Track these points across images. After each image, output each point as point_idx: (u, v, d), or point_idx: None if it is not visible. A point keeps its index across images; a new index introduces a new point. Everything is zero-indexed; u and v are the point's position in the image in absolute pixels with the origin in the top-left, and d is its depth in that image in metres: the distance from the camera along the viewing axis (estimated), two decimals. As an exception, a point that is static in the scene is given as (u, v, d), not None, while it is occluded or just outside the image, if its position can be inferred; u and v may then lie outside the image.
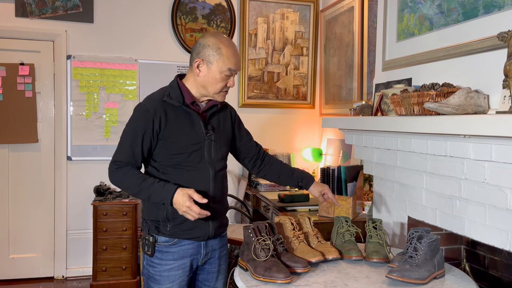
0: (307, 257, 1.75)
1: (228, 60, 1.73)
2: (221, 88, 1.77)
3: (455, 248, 2.20)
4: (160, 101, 1.76)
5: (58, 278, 3.92)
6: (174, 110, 1.76)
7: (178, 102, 1.76)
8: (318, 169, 3.80)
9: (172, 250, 1.79)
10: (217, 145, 1.85)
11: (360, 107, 2.48)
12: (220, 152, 1.87)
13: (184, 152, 1.76)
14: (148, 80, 4.00)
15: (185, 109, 1.78)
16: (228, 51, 1.74)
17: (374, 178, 2.52)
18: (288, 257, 1.69)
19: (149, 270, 1.81)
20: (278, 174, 2.08)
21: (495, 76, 1.66)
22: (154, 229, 1.79)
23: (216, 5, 4.18)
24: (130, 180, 1.72)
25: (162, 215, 1.76)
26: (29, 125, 3.81)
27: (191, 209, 1.61)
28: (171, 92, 1.79)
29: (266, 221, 1.82)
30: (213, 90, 1.77)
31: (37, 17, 3.79)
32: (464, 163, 1.69)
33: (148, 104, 1.76)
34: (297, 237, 1.87)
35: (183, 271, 1.80)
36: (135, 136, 1.74)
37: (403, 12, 2.38)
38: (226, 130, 1.93)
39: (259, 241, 1.69)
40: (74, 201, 3.93)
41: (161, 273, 1.78)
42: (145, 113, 1.74)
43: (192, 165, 1.77)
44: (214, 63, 1.74)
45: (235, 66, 1.75)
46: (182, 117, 1.77)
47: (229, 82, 1.78)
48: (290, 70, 4.39)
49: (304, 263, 1.66)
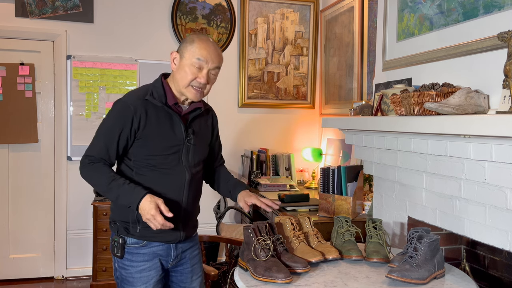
0: (307, 257, 1.75)
1: (198, 50, 1.69)
2: (190, 81, 1.71)
3: (455, 248, 2.20)
4: (142, 99, 1.72)
5: (58, 278, 3.92)
6: (155, 110, 1.72)
7: (160, 102, 1.72)
8: (318, 169, 3.80)
9: (143, 252, 1.76)
10: (196, 149, 1.81)
11: (360, 107, 2.48)
12: (198, 156, 1.84)
13: (162, 154, 1.72)
14: (148, 80, 3.96)
15: (166, 110, 1.74)
16: (201, 44, 1.71)
17: (374, 178, 2.52)
18: (288, 257, 1.69)
19: (121, 273, 1.77)
20: (216, 180, 2.03)
21: (495, 76, 1.66)
22: (123, 230, 1.75)
23: (216, 5, 4.18)
24: (100, 178, 1.68)
25: (132, 216, 1.72)
26: (29, 125, 3.81)
27: (155, 219, 1.57)
28: (154, 91, 1.74)
29: (266, 221, 1.82)
30: (182, 83, 1.72)
31: (37, 17, 3.79)
32: (464, 163, 1.70)
33: (129, 101, 1.71)
34: (297, 237, 1.86)
35: (155, 271, 1.78)
36: (111, 132, 1.69)
37: (403, 12, 2.38)
38: (206, 134, 1.90)
39: (259, 241, 1.69)
40: (74, 201, 3.93)
41: (133, 274, 1.75)
42: (124, 110, 1.69)
43: (169, 168, 1.74)
44: (185, 54, 1.71)
45: (204, 57, 1.69)
46: (162, 118, 1.73)
47: (199, 76, 1.71)
48: (290, 70, 4.39)
49: (304, 263, 1.66)
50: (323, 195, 2.72)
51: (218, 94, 3.99)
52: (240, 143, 4.25)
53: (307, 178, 4.28)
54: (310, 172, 4.15)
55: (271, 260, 1.63)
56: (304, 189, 3.74)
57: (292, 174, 4.00)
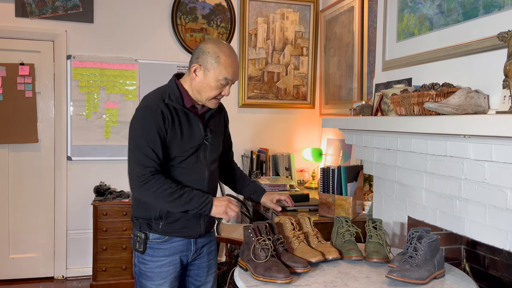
0: (307, 257, 1.75)
1: (225, 69, 1.71)
2: (215, 95, 1.75)
3: (455, 248, 2.20)
4: (163, 102, 1.73)
5: (58, 278, 3.92)
6: (176, 112, 1.75)
7: (178, 104, 1.75)
8: (318, 169, 3.80)
9: (163, 247, 1.80)
10: (213, 148, 1.86)
11: (360, 107, 2.48)
12: (215, 154, 1.89)
13: (183, 155, 1.76)
14: (148, 80, 4.00)
15: (185, 111, 1.77)
16: (227, 60, 1.71)
17: (374, 178, 2.52)
18: (288, 257, 1.69)
19: (140, 267, 1.82)
20: (235, 181, 2.11)
21: (495, 76, 1.66)
22: (145, 226, 1.80)
23: (216, 5, 4.18)
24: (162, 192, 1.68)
25: (154, 213, 1.77)
26: (29, 125, 3.81)
27: (230, 207, 1.73)
28: (171, 93, 1.76)
29: (266, 221, 1.83)
30: (206, 96, 1.76)
31: (37, 17, 3.79)
32: (464, 163, 1.69)
33: (154, 105, 1.72)
34: (297, 237, 1.86)
35: (174, 267, 1.82)
36: (153, 138, 1.68)
37: (403, 12, 2.38)
38: (220, 132, 1.95)
39: (259, 241, 1.69)
40: (74, 201, 3.93)
41: (152, 269, 1.79)
42: (155, 113, 1.70)
43: (189, 166, 1.78)
44: (211, 71, 1.71)
45: (231, 76, 1.73)
46: (183, 120, 1.76)
47: (224, 91, 1.76)
48: (290, 70, 4.39)
49: (304, 263, 1.66)
50: (323, 195, 2.72)
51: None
52: (240, 143, 4.25)
53: (307, 178, 4.28)
54: (310, 172, 4.15)
55: (271, 260, 1.63)
56: (304, 189, 3.74)
57: (292, 174, 4.00)
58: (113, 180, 3.98)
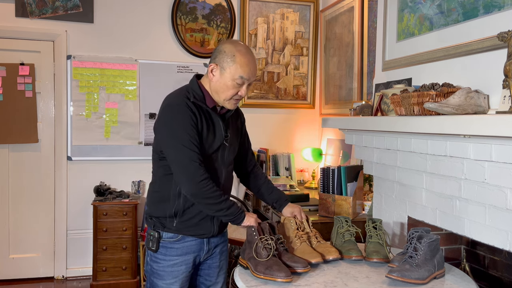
0: (307, 257, 1.75)
1: (241, 68, 1.71)
2: (232, 95, 1.74)
3: (455, 248, 2.20)
4: (189, 100, 1.73)
5: (58, 278, 3.92)
6: (201, 111, 1.75)
7: (202, 103, 1.76)
8: (318, 169, 3.80)
9: (176, 246, 1.80)
10: (231, 149, 1.87)
11: (360, 107, 2.48)
12: (232, 155, 1.90)
13: (206, 153, 1.75)
14: (148, 80, 4.00)
15: (209, 111, 1.77)
16: (243, 59, 1.71)
17: (374, 178, 2.52)
18: (288, 257, 1.69)
19: (152, 266, 1.83)
20: (259, 188, 2.07)
21: (495, 76, 1.66)
22: (159, 225, 1.81)
23: (216, 5, 4.18)
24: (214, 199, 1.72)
25: (169, 211, 1.78)
26: (29, 125, 3.81)
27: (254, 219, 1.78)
28: (195, 93, 1.76)
29: (266, 221, 1.84)
30: (223, 97, 1.75)
31: (37, 17, 3.79)
32: (464, 163, 1.69)
33: (183, 103, 1.71)
34: (300, 237, 1.87)
35: (186, 266, 1.83)
36: (193, 133, 1.68)
37: (403, 12, 2.38)
38: (237, 133, 1.95)
39: (262, 240, 1.70)
40: (74, 201, 3.93)
41: (164, 268, 1.80)
42: (186, 111, 1.69)
43: (208, 166, 1.76)
44: (227, 70, 1.72)
45: (247, 75, 1.73)
46: (207, 119, 1.76)
47: (241, 90, 1.75)
48: (290, 70, 4.39)
49: (304, 263, 1.66)
50: (323, 195, 2.72)
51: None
52: (240, 143, 4.24)
53: (307, 178, 4.28)
54: (310, 172, 4.15)
55: (272, 259, 1.64)
56: (304, 189, 3.74)
57: (292, 174, 4.00)
58: (113, 180, 3.98)
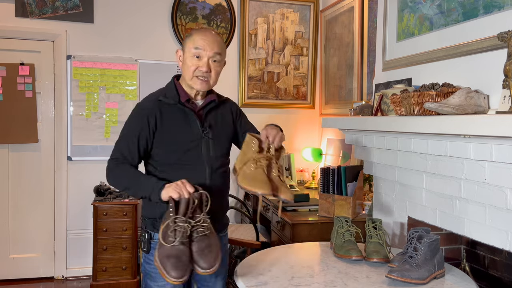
0: (255, 186, 1.53)
1: (194, 40, 1.77)
2: (193, 71, 1.77)
3: (455, 248, 2.20)
4: (156, 100, 1.79)
5: (58, 278, 3.92)
6: (170, 109, 1.78)
7: (173, 101, 1.79)
8: (318, 169, 3.80)
9: None
10: (216, 142, 1.84)
11: (360, 107, 2.48)
12: (220, 149, 1.86)
13: (180, 150, 1.77)
14: (148, 80, 4.00)
15: (181, 108, 1.79)
16: (198, 33, 1.78)
17: (374, 178, 2.52)
18: (200, 247, 1.49)
19: (145, 267, 1.82)
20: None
21: (495, 76, 1.66)
22: (150, 225, 1.80)
23: (216, 5, 4.18)
24: (122, 176, 1.73)
25: (160, 212, 1.74)
26: (29, 125, 3.81)
27: (182, 184, 1.56)
28: (167, 91, 1.82)
29: (200, 191, 1.57)
30: (187, 76, 1.79)
31: (37, 17, 3.79)
32: (464, 163, 1.70)
33: (143, 104, 1.81)
34: (257, 160, 1.63)
35: None
36: (132, 134, 1.76)
37: (403, 12, 2.38)
38: (225, 126, 1.92)
39: (176, 221, 1.48)
40: (74, 201, 3.93)
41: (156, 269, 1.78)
42: (140, 112, 1.78)
43: (189, 163, 1.77)
44: (185, 48, 1.80)
45: (201, 44, 1.75)
46: (178, 116, 1.79)
47: (200, 64, 1.76)
48: (290, 70, 4.39)
49: (211, 262, 1.49)
50: (323, 195, 2.72)
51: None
52: (240, 143, 4.25)
53: (307, 178, 4.28)
54: (310, 172, 4.15)
55: (176, 249, 1.46)
56: (304, 189, 3.74)
57: (292, 174, 4.00)
58: (113, 180, 3.98)
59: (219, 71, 1.83)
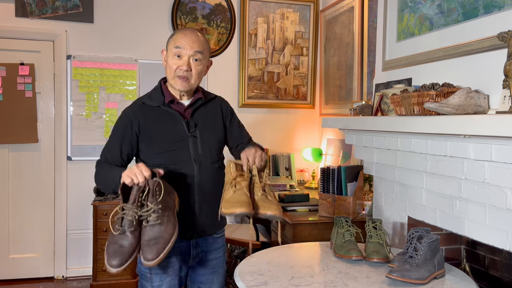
0: (232, 207, 1.48)
1: (176, 39, 1.78)
2: (174, 71, 1.78)
3: (455, 248, 2.20)
4: (140, 104, 1.83)
5: (58, 278, 3.92)
6: (154, 111, 1.81)
7: (157, 103, 1.81)
8: (318, 169, 3.80)
9: None
10: (203, 141, 1.82)
11: (360, 107, 2.48)
12: (208, 147, 1.83)
13: (167, 150, 1.77)
14: (148, 80, 4.00)
15: (165, 109, 1.81)
16: (179, 33, 1.80)
17: (374, 178, 2.52)
18: (148, 237, 1.46)
19: (140, 268, 1.82)
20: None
21: (495, 76, 1.66)
22: None
23: (216, 5, 4.18)
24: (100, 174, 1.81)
25: None
26: (29, 125, 3.81)
27: (137, 167, 1.56)
28: (153, 94, 1.85)
29: (155, 179, 1.53)
30: (169, 76, 1.81)
31: (37, 17, 3.79)
32: (464, 163, 1.70)
33: (128, 108, 1.85)
34: (235, 185, 1.58)
35: (172, 269, 1.79)
36: (115, 139, 1.82)
37: (403, 12, 2.38)
38: (214, 123, 1.90)
39: (123, 210, 1.46)
40: (74, 201, 3.93)
41: (150, 271, 1.78)
42: (124, 117, 1.82)
43: (176, 163, 1.77)
44: (168, 47, 1.82)
45: (181, 43, 1.76)
46: (162, 117, 1.80)
47: (180, 63, 1.76)
48: (290, 70, 4.39)
49: (155, 254, 1.46)
50: (323, 195, 2.72)
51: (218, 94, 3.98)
52: (240, 143, 4.24)
53: (307, 178, 4.28)
54: (310, 172, 4.15)
55: (121, 237, 1.45)
56: (304, 189, 3.74)
57: (292, 174, 4.00)
58: (113, 180, 3.98)
59: (201, 70, 1.81)
